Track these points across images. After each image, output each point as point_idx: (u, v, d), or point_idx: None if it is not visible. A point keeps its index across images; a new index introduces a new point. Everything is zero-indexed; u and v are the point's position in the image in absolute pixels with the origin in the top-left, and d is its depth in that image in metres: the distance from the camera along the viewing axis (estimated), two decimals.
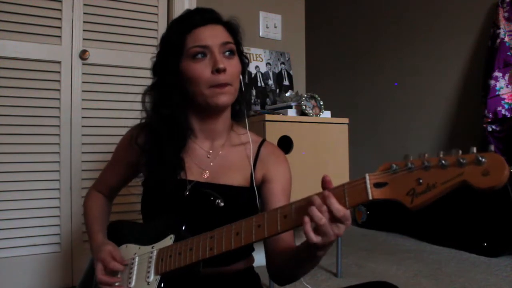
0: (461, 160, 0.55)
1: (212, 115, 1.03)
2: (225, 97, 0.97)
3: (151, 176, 1.04)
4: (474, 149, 0.56)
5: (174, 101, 1.00)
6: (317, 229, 0.70)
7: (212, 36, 0.97)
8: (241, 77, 1.04)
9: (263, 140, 1.10)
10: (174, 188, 0.99)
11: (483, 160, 0.54)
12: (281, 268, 0.96)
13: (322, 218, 0.69)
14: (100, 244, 1.01)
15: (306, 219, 0.70)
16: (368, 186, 0.65)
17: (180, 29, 0.99)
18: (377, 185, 0.64)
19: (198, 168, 1.03)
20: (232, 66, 0.98)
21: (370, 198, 0.64)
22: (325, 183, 0.72)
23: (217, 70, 0.95)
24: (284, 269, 0.94)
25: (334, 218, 0.69)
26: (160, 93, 1.02)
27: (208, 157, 1.04)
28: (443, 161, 0.57)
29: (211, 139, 1.06)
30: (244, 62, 1.06)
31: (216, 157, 1.04)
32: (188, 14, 1.02)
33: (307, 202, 0.71)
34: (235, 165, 1.04)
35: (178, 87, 1.00)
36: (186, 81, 0.98)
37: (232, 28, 1.03)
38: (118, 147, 1.15)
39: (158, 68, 1.04)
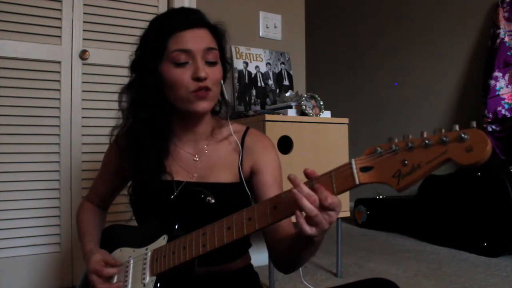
0: (444, 138, 0.56)
1: (193, 119, 1.02)
2: (205, 104, 0.96)
3: (135, 180, 1.04)
4: (457, 127, 0.56)
5: (152, 103, 0.98)
6: (310, 220, 0.70)
7: (196, 40, 0.94)
8: (222, 81, 1.03)
9: (247, 129, 1.08)
10: (162, 190, 0.98)
11: (466, 136, 0.54)
12: (282, 256, 0.95)
13: (314, 210, 0.68)
14: (89, 254, 1.00)
15: (298, 212, 0.70)
16: (355, 171, 0.65)
17: (163, 30, 0.96)
18: (363, 169, 0.64)
19: (185, 171, 1.02)
20: (213, 73, 0.96)
21: (357, 182, 0.65)
22: (308, 175, 0.72)
23: (198, 79, 0.93)
24: (285, 257, 0.93)
25: (323, 207, 0.68)
26: (138, 93, 1.00)
27: (195, 160, 1.03)
28: (427, 141, 0.58)
29: (194, 141, 1.05)
30: (226, 67, 1.04)
31: (202, 158, 1.03)
32: (172, 14, 0.99)
33: (296, 187, 0.71)
34: (222, 162, 1.03)
35: (157, 88, 0.98)
36: (165, 84, 0.96)
37: (217, 33, 1.00)
38: (105, 155, 1.15)
39: (136, 67, 1.02)
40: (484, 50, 2.36)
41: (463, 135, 0.54)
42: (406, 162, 0.60)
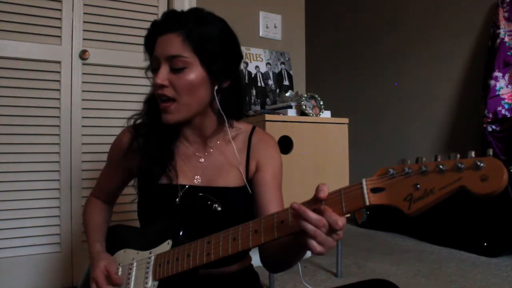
0: (459, 165, 0.54)
1: (194, 120, 1.00)
2: (168, 116, 0.94)
3: (139, 179, 1.04)
4: (473, 153, 0.54)
5: (155, 102, 0.99)
6: (319, 242, 0.68)
7: (161, 46, 0.93)
8: (216, 87, 0.96)
9: (253, 128, 1.08)
10: (166, 193, 0.98)
11: (482, 165, 0.52)
12: (273, 258, 0.94)
13: (323, 236, 0.67)
14: (95, 258, 0.99)
15: (308, 237, 0.68)
16: (365, 191, 0.63)
17: (150, 36, 0.97)
18: (374, 190, 0.62)
19: (192, 173, 1.02)
20: (178, 80, 0.92)
21: (367, 203, 0.63)
22: (318, 192, 0.68)
23: (154, 85, 0.93)
24: (276, 259, 0.93)
25: (332, 230, 0.67)
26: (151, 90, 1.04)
27: (201, 162, 1.03)
28: (441, 166, 0.56)
29: (201, 142, 1.04)
30: (215, 73, 0.95)
31: (210, 160, 1.03)
32: (158, 20, 0.99)
33: (303, 216, 0.68)
34: (230, 164, 1.03)
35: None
36: None
37: (192, 37, 0.92)
38: (110, 150, 1.14)
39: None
40: (484, 50, 2.36)
41: (479, 163, 0.52)
42: (418, 186, 0.58)
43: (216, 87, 0.97)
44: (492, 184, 0.52)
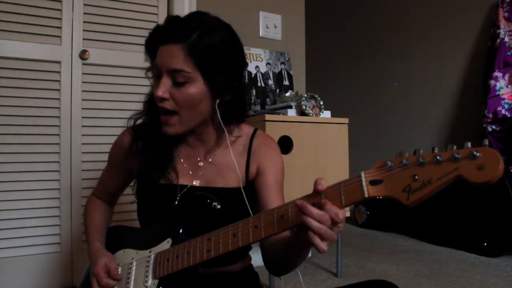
0: (456, 155, 0.55)
1: (192, 130, 0.99)
2: (169, 129, 0.94)
3: (139, 179, 1.04)
4: (469, 144, 0.55)
5: (154, 105, 0.98)
6: (321, 237, 0.68)
7: (163, 57, 0.90)
8: (218, 100, 0.94)
9: (255, 131, 1.07)
10: (166, 193, 0.98)
11: (478, 154, 0.54)
12: (276, 259, 0.94)
13: (326, 229, 0.67)
14: (95, 255, 0.99)
15: (311, 233, 0.68)
16: (364, 183, 0.64)
17: (152, 42, 0.95)
18: (372, 182, 0.63)
19: (192, 175, 1.02)
20: (179, 94, 0.91)
21: (366, 195, 0.64)
22: (316, 185, 0.69)
23: (155, 96, 0.92)
24: (280, 261, 0.92)
25: (333, 223, 0.67)
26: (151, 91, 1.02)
27: (202, 165, 1.03)
28: (438, 157, 0.57)
29: (202, 145, 1.04)
30: (218, 87, 0.92)
31: (209, 163, 1.03)
32: (161, 25, 0.96)
33: (304, 211, 0.68)
34: (229, 166, 1.02)
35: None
36: None
37: (196, 51, 0.89)
38: (111, 150, 1.14)
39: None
40: (484, 50, 2.36)
41: (475, 153, 0.54)
42: (416, 177, 0.59)
43: (218, 101, 0.95)
44: (489, 172, 0.53)
